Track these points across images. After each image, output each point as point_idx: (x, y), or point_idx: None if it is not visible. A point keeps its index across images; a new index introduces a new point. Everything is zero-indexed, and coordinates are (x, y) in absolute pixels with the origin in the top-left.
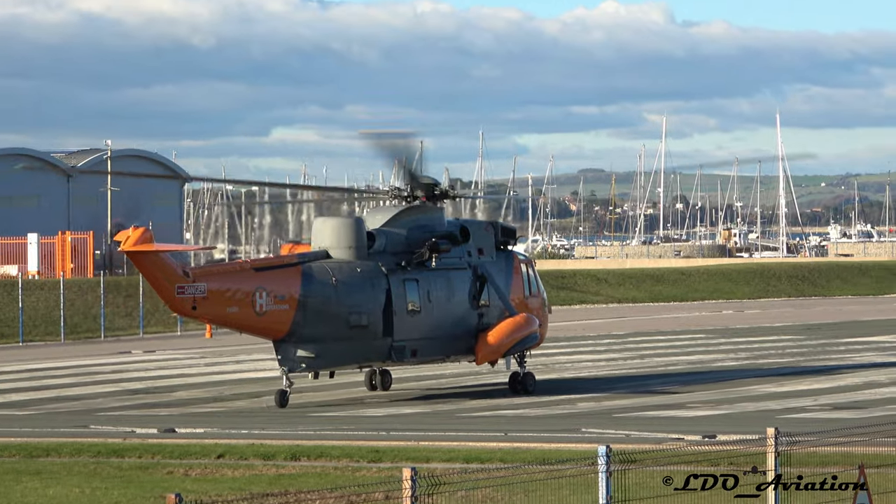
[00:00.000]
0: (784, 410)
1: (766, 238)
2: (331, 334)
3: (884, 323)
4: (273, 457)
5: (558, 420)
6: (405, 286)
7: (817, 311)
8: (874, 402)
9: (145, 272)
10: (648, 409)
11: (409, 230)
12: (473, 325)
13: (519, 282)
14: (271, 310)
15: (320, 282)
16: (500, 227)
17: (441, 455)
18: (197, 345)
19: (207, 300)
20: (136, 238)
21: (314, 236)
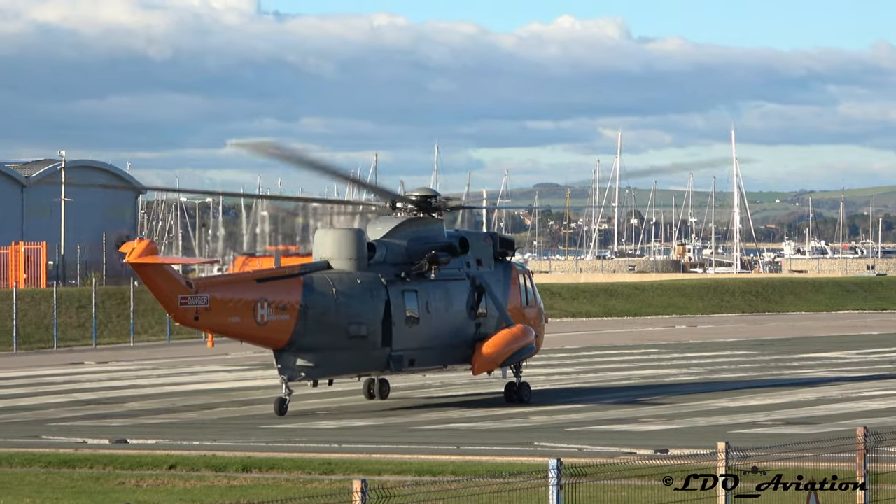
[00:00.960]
0: (736, 425)
1: (721, 254)
2: (330, 344)
3: (836, 339)
4: (225, 468)
5: (511, 433)
6: (404, 297)
7: (770, 326)
8: (826, 418)
9: (149, 283)
10: (601, 423)
11: (409, 241)
12: (471, 335)
13: (516, 292)
14: (272, 320)
15: (321, 293)
16: (499, 239)
17: (393, 468)
18: (150, 355)
19: (210, 310)
20: (140, 250)
21: (315, 247)
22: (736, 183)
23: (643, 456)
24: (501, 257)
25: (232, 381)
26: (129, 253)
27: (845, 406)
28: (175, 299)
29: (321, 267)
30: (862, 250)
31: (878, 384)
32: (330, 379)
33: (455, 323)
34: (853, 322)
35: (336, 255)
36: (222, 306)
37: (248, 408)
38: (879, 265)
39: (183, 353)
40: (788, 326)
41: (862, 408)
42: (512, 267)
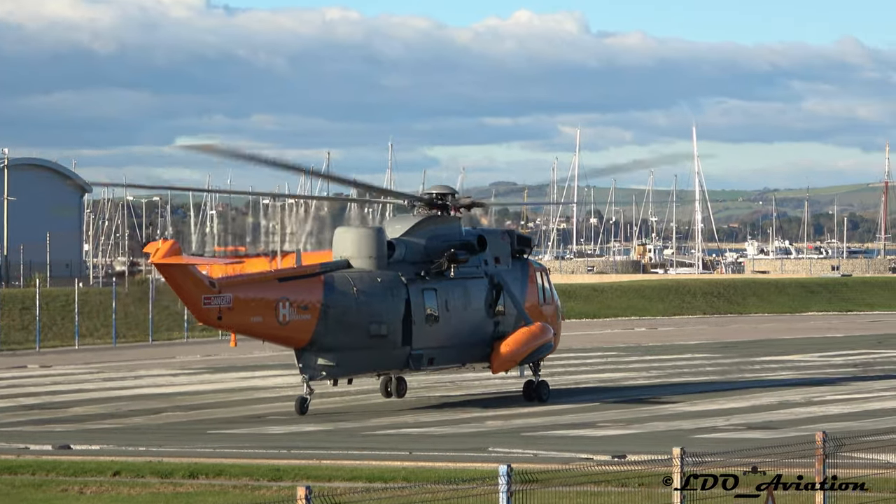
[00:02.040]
0: (696, 430)
1: (682, 254)
2: (351, 343)
3: (799, 342)
4: (171, 475)
5: (465, 439)
6: (424, 296)
7: (732, 328)
8: (788, 423)
9: (173, 283)
10: (557, 427)
11: (427, 240)
12: (489, 334)
13: (534, 290)
14: (294, 319)
15: (342, 291)
16: (516, 236)
17: (344, 474)
18: (95, 359)
19: (232, 310)
20: (165, 250)
21: (335, 246)
22: (697, 181)
23: (600, 461)
24: (518, 255)
25: (178, 385)
26: (153, 253)
27: (808, 410)
28: (199, 299)
29: (341, 266)
30: (827, 250)
31: (842, 388)
32: (349, 378)
33: (474, 321)
34: (817, 324)
35: (356, 254)
36: (245, 306)
37: (194, 412)
38: (844, 266)
39: (129, 356)
40: (751, 328)
41: (825, 412)
42: (529, 264)
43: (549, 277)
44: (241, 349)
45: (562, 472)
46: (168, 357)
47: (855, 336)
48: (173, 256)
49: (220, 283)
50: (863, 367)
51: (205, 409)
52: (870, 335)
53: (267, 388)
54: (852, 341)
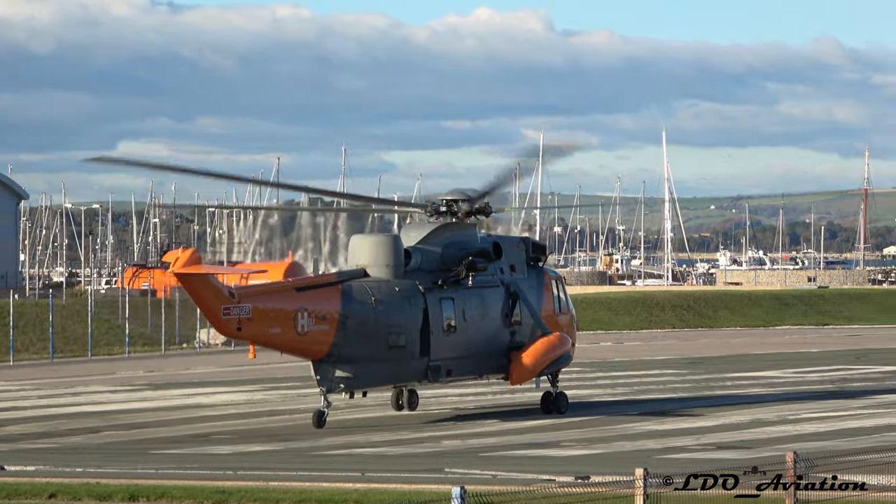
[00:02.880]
0: (664, 450)
1: (651, 264)
2: (369, 354)
3: (773, 357)
4: (109, 497)
5: (421, 459)
6: (441, 305)
7: (703, 343)
8: (760, 442)
9: (193, 293)
10: (518, 447)
11: (443, 247)
12: (506, 344)
13: (549, 299)
14: (312, 330)
15: (360, 301)
16: (531, 244)
17: (292, 496)
18: (31, 375)
19: (252, 321)
20: (185, 259)
21: (350, 254)
22: (667, 187)
23: (563, 483)
24: (533, 263)
25: (118, 403)
26: (173, 262)
27: (781, 429)
28: (218, 310)
29: (358, 274)
30: (803, 261)
31: (817, 405)
32: (364, 391)
33: (490, 331)
34: (792, 339)
35: (373, 262)
36: (264, 316)
37: (135, 431)
38: (821, 277)
39: (67, 372)
40: (722, 343)
41: (799, 431)
42: (545, 272)
43: (564, 286)
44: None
45: (521, 494)
46: (108, 373)
47: (831, 351)
48: (193, 266)
49: (240, 293)
50: (840, 383)
51: (146, 428)
52: (847, 350)
53: (212, 406)
54: (829, 357)
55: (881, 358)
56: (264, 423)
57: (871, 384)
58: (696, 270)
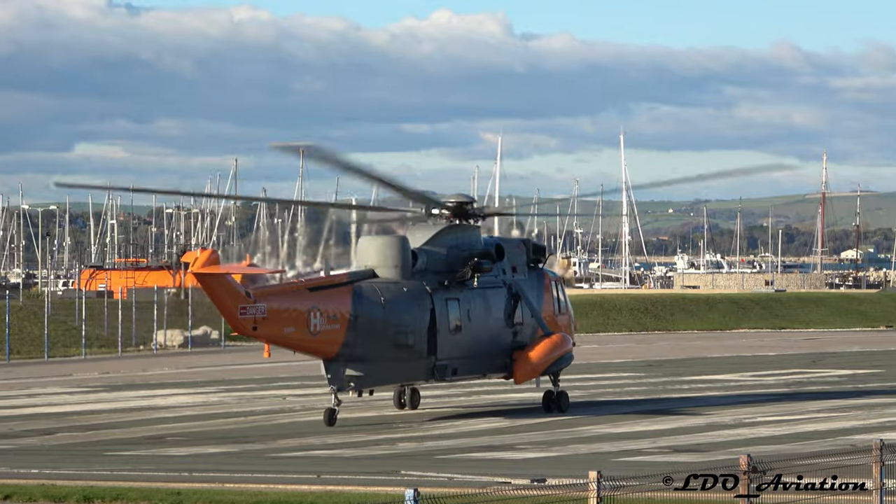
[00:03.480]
0: (620, 453)
1: (608, 268)
2: (379, 354)
3: (730, 360)
4: (64, 499)
5: (377, 462)
6: (447, 305)
7: (660, 346)
8: (716, 445)
9: (211, 293)
10: (474, 450)
11: (448, 249)
12: (508, 344)
13: (549, 300)
14: (324, 329)
15: (370, 302)
16: (532, 245)
17: (247, 498)
18: None
19: (267, 320)
20: (203, 260)
21: (359, 255)
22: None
23: (518, 486)
24: (534, 264)
25: (74, 404)
26: (192, 263)
27: (737, 432)
28: (235, 309)
29: (367, 275)
30: (760, 264)
31: (774, 409)
32: (371, 390)
33: (494, 331)
34: (749, 342)
35: (381, 263)
36: (278, 316)
37: (91, 433)
38: (779, 281)
39: (23, 373)
40: (679, 346)
41: (755, 434)
42: (545, 274)
43: (563, 287)
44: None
45: (476, 497)
46: (64, 374)
47: (788, 355)
48: (212, 266)
49: (256, 292)
50: (796, 387)
51: (101, 430)
52: (804, 354)
53: (167, 408)
54: (785, 360)
55: (837, 362)
56: (220, 425)
57: (827, 388)
58: (654, 274)
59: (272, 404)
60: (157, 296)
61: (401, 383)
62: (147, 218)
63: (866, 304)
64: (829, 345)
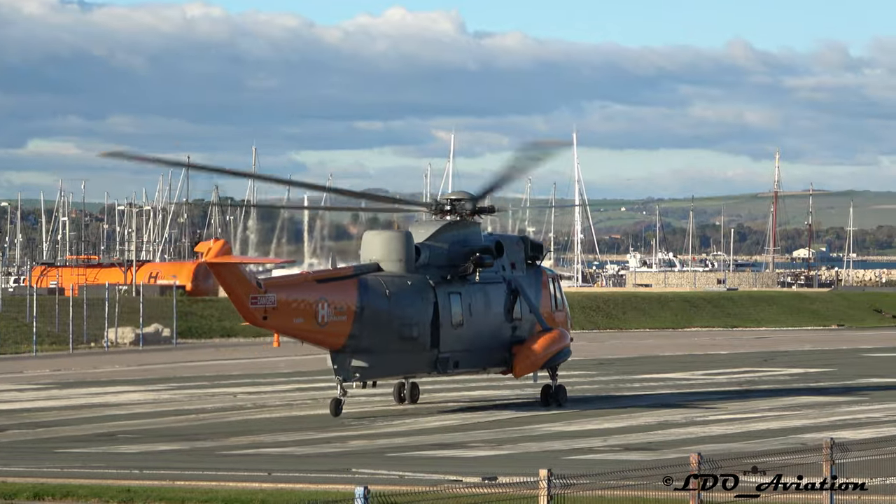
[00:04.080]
0: (571, 451)
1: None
2: (384, 346)
3: (682, 359)
4: (14, 496)
5: (328, 459)
6: (450, 299)
7: (612, 344)
8: (667, 444)
9: (224, 283)
10: (426, 448)
11: (450, 244)
12: (507, 338)
13: (547, 296)
14: (331, 321)
15: (375, 294)
16: (530, 243)
17: (198, 496)
18: None
19: (277, 310)
20: (216, 250)
21: (363, 249)
22: (577, 189)
23: (469, 484)
24: (531, 261)
25: (25, 401)
26: (205, 253)
27: (689, 431)
28: (246, 299)
29: (372, 269)
30: (712, 263)
31: (725, 407)
32: (374, 381)
33: (494, 325)
34: (701, 340)
35: (386, 257)
36: (287, 307)
37: (41, 430)
38: (731, 279)
39: None
40: (631, 345)
41: (706, 432)
42: (542, 271)
43: (560, 285)
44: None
45: (427, 495)
46: (15, 371)
47: (740, 353)
48: (224, 256)
49: (266, 283)
50: (747, 385)
51: (52, 427)
52: (755, 352)
53: (118, 405)
54: (737, 359)
55: (788, 360)
56: (171, 422)
57: (778, 386)
58: (606, 272)
59: (223, 402)
60: (109, 293)
61: (404, 375)
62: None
63: (818, 303)
64: (781, 343)
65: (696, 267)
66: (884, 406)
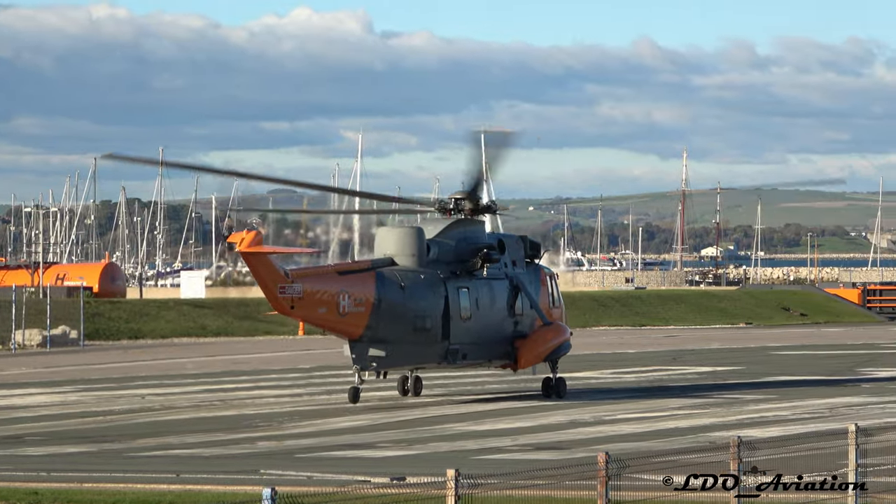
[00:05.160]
0: (481, 451)
1: None
2: (399, 336)
3: (590, 358)
4: None
5: (236, 461)
6: (459, 293)
7: None
8: (577, 443)
9: (255, 272)
10: (335, 448)
11: (457, 241)
12: (510, 333)
13: (545, 293)
14: (351, 311)
15: (392, 287)
16: (529, 242)
17: (106, 498)
18: None
19: (303, 300)
20: (249, 240)
21: (377, 244)
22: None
23: (377, 484)
24: (530, 259)
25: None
26: (238, 243)
27: (598, 430)
28: (276, 289)
29: (387, 263)
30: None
31: (634, 406)
32: (385, 371)
33: (499, 319)
34: (609, 339)
35: (399, 252)
36: (313, 297)
37: None
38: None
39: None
40: None
41: (615, 431)
42: (541, 269)
43: (556, 283)
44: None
45: (335, 496)
46: None
47: (648, 352)
48: (256, 246)
49: (293, 273)
50: (656, 384)
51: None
52: (664, 351)
53: (25, 407)
54: (646, 357)
55: (697, 359)
56: (78, 424)
57: (686, 384)
58: None
59: (131, 403)
60: (16, 295)
61: (416, 365)
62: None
63: (726, 302)
64: (689, 342)
65: (604, 266)
66: (791, 404)
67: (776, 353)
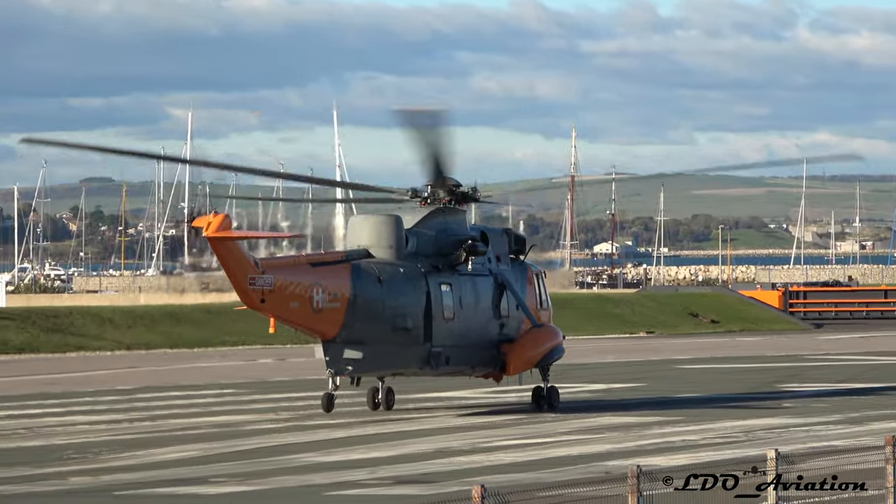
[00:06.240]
0: (334, 485)
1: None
2: (377, 336)
3: None
4: None
5: (43, 500)
6: (441, 290)
7: None
8: (446, 475)
9: (222, 259)
10: (161, 484)
11: (437, 232)
12: (496, 336)
13: (532, 293)
14: (325, 307)
15: (369, 281)
16: (514, 236)
17: None
18: None
19: (274, 293)
20: (217, 224)
21: (350, 234)
22: (339, 175)
23: None
24: (515, 255)
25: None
26: (205, 227)
27: (472, 459)
28: (244, 279)
29: (362, 255)
30: None
31: (514, 431)
32: (358, 377)
33: (483, 320)
34: None
35: (375, 243)
36: (284, 290)
37: None
38: None
39: None
40: None
41: (494, 461)
42: (528, 267)
43: (544, 282)
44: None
45: None
46: None
47: None
48: (224, 230)
49: (263, 263)
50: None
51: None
52: None
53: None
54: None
55: (589, 374)
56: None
57: (578, 406)
58: None
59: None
60: None
61: (398, 371)
62: None
63: (623, 307)
64: (580, 355)
65: None
66: (700, 427)
67: (683, 368)
